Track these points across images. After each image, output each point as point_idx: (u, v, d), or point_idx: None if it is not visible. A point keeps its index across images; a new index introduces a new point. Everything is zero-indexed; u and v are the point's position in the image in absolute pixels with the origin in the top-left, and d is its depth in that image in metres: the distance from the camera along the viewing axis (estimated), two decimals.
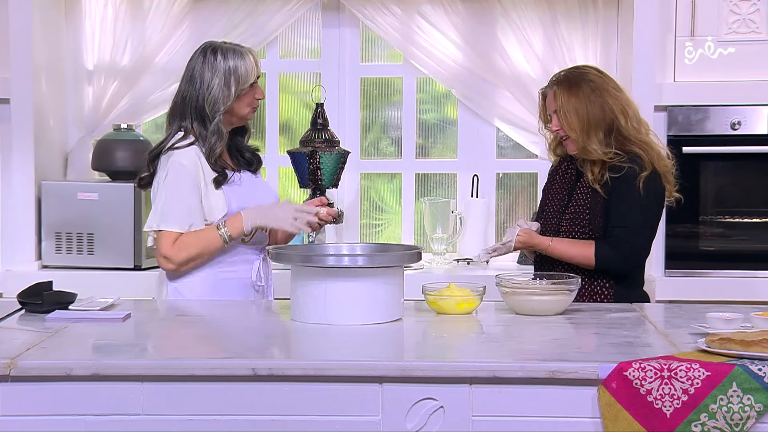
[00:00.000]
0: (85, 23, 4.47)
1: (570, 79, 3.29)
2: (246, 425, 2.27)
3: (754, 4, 4.12)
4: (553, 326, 2.72)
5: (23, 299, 2.86)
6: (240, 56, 3.19)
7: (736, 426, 2.20)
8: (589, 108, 3.23)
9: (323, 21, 4.57)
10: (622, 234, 3.19)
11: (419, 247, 2.88)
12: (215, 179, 3.18)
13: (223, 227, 3.14)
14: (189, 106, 3.19)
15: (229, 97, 3.17)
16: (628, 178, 3.19)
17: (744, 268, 4.15)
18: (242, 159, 3.33)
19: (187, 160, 3.14)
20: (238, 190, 3.23)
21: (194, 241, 3.14)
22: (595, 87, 3.25)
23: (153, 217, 3.16)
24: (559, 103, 3.27)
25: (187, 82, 3.21)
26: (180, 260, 3.13)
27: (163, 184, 3.14)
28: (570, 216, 3.28)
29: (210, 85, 3.16)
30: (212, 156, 3.18)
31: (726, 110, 4.13)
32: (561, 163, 3.42)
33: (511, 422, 2.27)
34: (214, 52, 3.19)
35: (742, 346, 2.28)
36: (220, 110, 3.17)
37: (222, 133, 3.18)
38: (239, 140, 3.35)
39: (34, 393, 2.27)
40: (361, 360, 2.31)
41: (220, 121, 3.17)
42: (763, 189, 4.23)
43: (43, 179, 4.20)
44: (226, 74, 3.17)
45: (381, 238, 4.66)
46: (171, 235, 3.12)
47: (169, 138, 3.21)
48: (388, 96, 4.66)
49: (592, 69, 3.35)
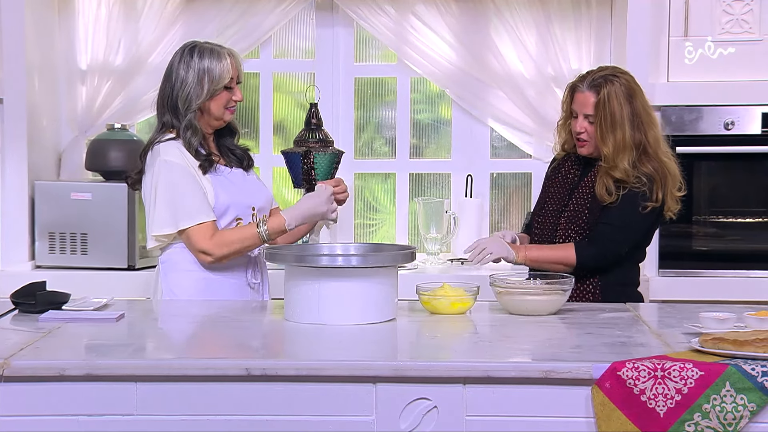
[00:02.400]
0: (79, 23, 4.46)
1: (617, 98, 3.20)
2: (240, 425, 2.27)
3: (747, 4, 4.12)
4: (547, 326, 2.72)
5: (16, 299, 2.86)
6: (217, 57, 3.22)
7: (729, 426, 2.21)
8: (631, 131, 3.19)
9: (317, 21, 4.57)
10: (606, 230, 3.20)
11: (413, 247, 2.88)
12: (200, 165, 3.20)
13: (263, 225, 3.18)
14: (165, 102, 3.23)
15: (201, 96, 3.20)
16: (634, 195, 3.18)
17: (737, 268, 4.16)
18: (234, 157, 3.35)
19: (172, 154, 3.16)
20: (226, 184, 3.25)
21: (235, 238, 3.17)
22: (637, 108, 3.20)
23: (163, 219, 3.15)
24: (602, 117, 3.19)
25: (165, 78, 3.26)
26: (220, 255, 3.16)
27: (159, 186, 3.15)
28: (569, 215, 3.28)
29: (184, 81, 3.20)
30: (191, 149, 3.20)
31: (719, 110, 4.14)
32: (564, 162, 3.41)
33: (504, 422, 2.27)
34: (192, 51, 3.23)
35: (735, 346, 2.28)
36: (192, 107, 3.20)
37: (196, 128, 3.21)
38: (229, 141, 3.37)
39: (27, 393, 2.27)
40: (354, 360, 2.31)
41: (193, 118, 3.20)
42: (756, 189, 4.24)
43: (36, 179, 4.19)
44: (200, 73, 3.20)
45: (375, 238, 4.66)
46: (204, 228, 3.14)
47: (154, 134, 3.26)
48: (382, 96, 4.66)
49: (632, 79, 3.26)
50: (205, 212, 3.16)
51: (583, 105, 3.25)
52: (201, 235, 3.14)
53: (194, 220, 3.14)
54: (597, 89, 3.22)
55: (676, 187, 3.25)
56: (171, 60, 3.26)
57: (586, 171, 3.33)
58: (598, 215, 3.23)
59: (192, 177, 3.16)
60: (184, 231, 3.15)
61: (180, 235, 3.18)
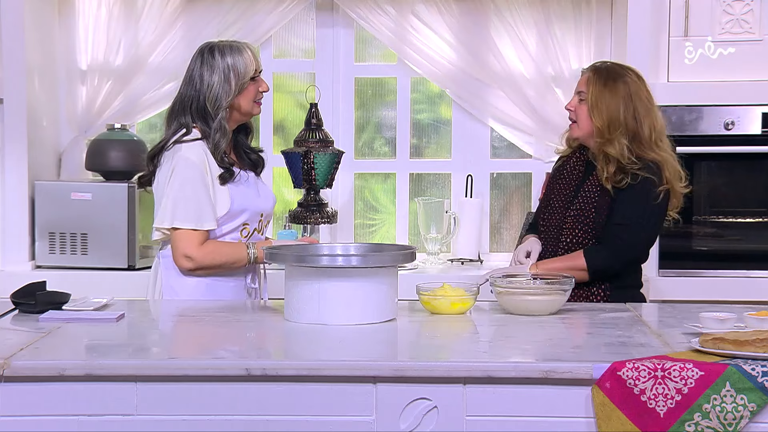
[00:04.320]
0: (79, 23, 4.46)
1: (610, 72, 3.28)
2: (240, 425, 2.27)
3: (747, 4, 4.12)
4: (547, 326, 2.72)
5: (16, 299, 2.86)
6: (237, 52, 3.22)
7: (729, 426, 2.21)
8: (621, 108, 3.22)
9: (317, 21, 4.57)
10: (618, 231, 3.19)
11: (413, 247, 2.88)
12: (221, 175, 3.19)
13: (252, 248, 3.20)
14: (189, 107, 3.22)
15: (230, 93, 3.20)
16: (643, 186, 3.19)
17: (737, 268, 4.16)
18: (248, 160, 3.35)
19: (195, 155, 3.15)
20: (243, 189, 3.25)
21: (225, 251, 3.18)
22: (631, 91, 3.24)
23: (167, 212, 3.15)
24: (593, 91, 3.25)
25: (187, 83, 3.24)
26: (204, 264, 3.16)
27: (173, 179, 3.14)
28: (575, 212, 3.27)
29: (210, 83, 3.19)
30: (218, 153, 3.19)
31: (720, 110, 4.14)
32: (569, 159, 3.41)
33: (504, 422, 2.27)
34: (212, 52, 3.22)
35: (735, 346, 2.28)
36: (222, 107, 3.19)
37: (225, 129, 3.20)
38: (243, 139, 3.37)
39: (27, 393, 2.27)
40: (355, 360, 2.31)
41: (223, 118, 3.20)
42: (756, 189, 4.24)
43: (36, 179, 4.19)
44: (225, 71, 3.19)
45: (375, 238, 4.66)
46: (194, 234, 3.13)
47: (171, 135, 3.22)
48: (382, 96, 4.66)
49: (634, 72, 3.32)
50: (205, 220, 3.14)
51: (580, 83, 3.32)
52: (190, 240, 3.13)
53: (191, 223, 3.13)
54: (594, 72, 3.29)
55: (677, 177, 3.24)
56: (190, 65, 3.24)
57: (590, 169, 3.32)
58: (605, 213, 3.22)
59: (205, 183, 3.14)
60: (176, 230, 3.14)
61: (170, 233, 3.17)
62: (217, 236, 3.21)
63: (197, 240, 3.14)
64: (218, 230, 3.20)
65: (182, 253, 3.14)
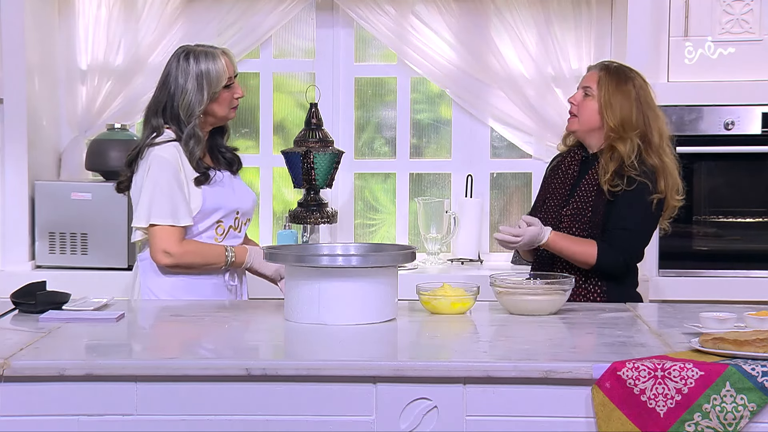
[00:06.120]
0: (79, 23, 4.46)
1: (620, 73, 3.29)
2: (240, 425, 2.27)
3: (747, 4, 4.12)
4: (547, 326, 2.72)
5: (16, 299, 2.86)
6: (212, 58, 3.21)
7: (729, 426, 2.21)
8: (634, 111, 3.24)
9: (317, 21, 4.57)
10: (625, 236, 3.20)
11: (413, 247, 2.88)
12: (196, 179, 3.20)
13: (232, 252, 3.21)
14: (163, 111, 3.21)
15: (203, 102, 3.19)
16: (638, 191, 3.19)
17: (737, 268, 4.16)
18: (223, 159, 3.35)
19: (169, 153, 3.16)
20: (218, 189, 3.25)
21: (204, 251, 3.19)
22: (639, 95, 3.26)
23: (143, 211, 3.15)
24: (605, 91, 3.25)
25: (161, 87, 3.24)
26: (183, 262, 3.16)
27: (148, 179, 3.15)
28: (571, 212, 3.27)
29: (183, 89, 3.19)
30: (193, 159, 3.20)
31: (719, 110, 4.14)
32: (564, 158, 3.41)
33: (504, 422, 2.27)
34: (187, 57, 3.22)
35: (735, 346, 2.28)
36: (195, 115, 3.19)
37: (198, 137, 3.21)
38: (219, 140, 3.36)
39: (27, 393, 2.27)
40: (354, 360, 2.31)
41: (195, 125, 3.20)
42: (756, 189, 4.24)
43: (36, 179, 4.19)
44: (198, 78, 3.19)
45: (375, 238, 4.66)
46: (172, 230, 3.13)
47: (145, 139, 3.22)
48: (382, 96, 4.66)
49: (640, 76, 3.33)
50: (181, 216, 3.14)
51: (587, 79, 3.32)
52: (168, 235, 3.13)
53: (168, 219, 3.13)
54: (605, 71, 3.29)
55: (675, 189, 3.25)
56: (166, 68, 3.24)
57: (586, 168, 3.33)
58: (601, 213, 3.23)
59: (179, 181, 3.15)
60: (153, 227, 3.14)
61: (147, 231, 3.16)
62: (193, 233, 3.22)
63: (175, 236, 3.14)
64: (194, 228, 3.21)
65: (160, 248, 3.14)
